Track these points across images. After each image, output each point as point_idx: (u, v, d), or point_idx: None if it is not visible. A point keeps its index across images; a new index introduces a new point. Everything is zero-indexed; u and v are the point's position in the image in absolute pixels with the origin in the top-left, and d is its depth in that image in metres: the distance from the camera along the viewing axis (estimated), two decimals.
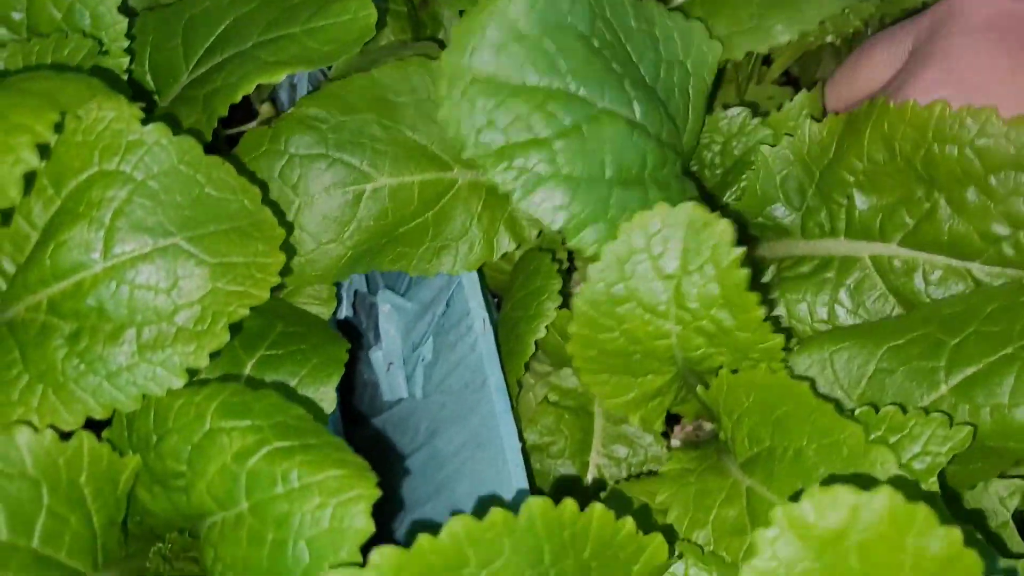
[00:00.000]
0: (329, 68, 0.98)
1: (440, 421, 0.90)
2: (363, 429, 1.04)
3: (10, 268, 0.65)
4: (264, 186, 0.73)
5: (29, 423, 0.61)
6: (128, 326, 0.64)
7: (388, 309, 0.94)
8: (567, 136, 0.67)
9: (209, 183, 0.67)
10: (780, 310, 0.81)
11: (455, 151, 0.81)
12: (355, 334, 1.03)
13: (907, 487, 0.58)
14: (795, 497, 0.54)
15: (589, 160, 0.68)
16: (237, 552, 0.60)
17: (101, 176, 0.65)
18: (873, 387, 0.75)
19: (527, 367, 0.90)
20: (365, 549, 0.57)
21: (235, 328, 0.67)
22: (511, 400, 0.82)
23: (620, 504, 0.66)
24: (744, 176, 0.84)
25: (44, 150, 0.58)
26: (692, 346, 0.74)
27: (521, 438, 0.81)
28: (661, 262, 0.69)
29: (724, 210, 0.85)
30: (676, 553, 0.70)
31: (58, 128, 0.58)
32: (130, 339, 0.64)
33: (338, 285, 0.89)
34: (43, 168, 0.64)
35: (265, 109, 1.03)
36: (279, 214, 0.71)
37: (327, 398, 0.76)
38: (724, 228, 0.67)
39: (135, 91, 0.80)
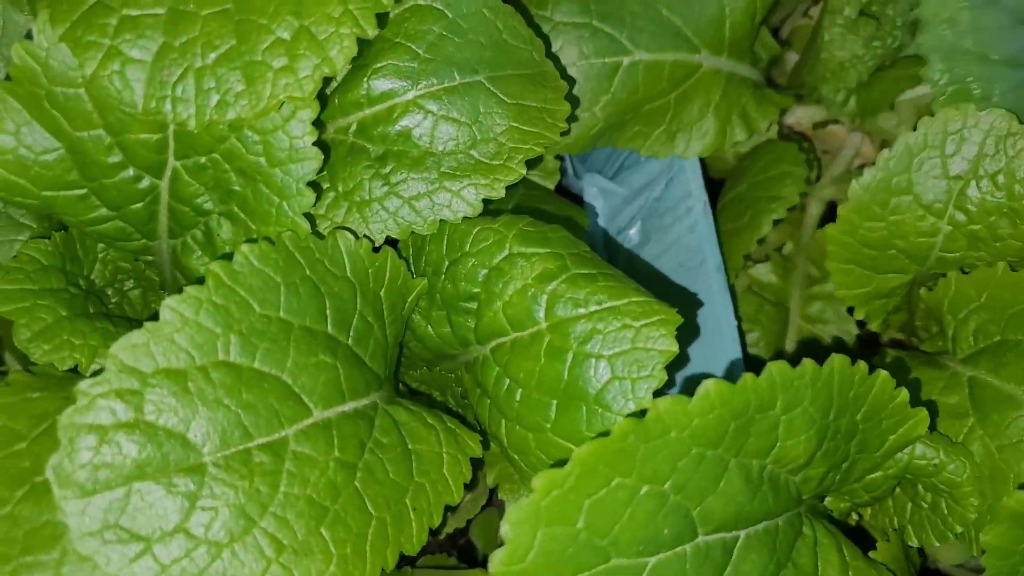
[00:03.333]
0: None
1: None
2: None
3: (324, 91, 0.69)
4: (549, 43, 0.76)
5: (350, 230, 0.65)
6: (431, 155, 0.68)
7: (595, 192, 0.97)
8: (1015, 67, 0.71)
9: (506, 30, 0.70)
10: None
11: (705, 35, 0.84)
12: None
13: None
14: None
15: (1020, 99, 0.72)
16: (533, 366, 0.64)
17: (417, 10, 0.68)
18: None
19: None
20: None
21: None
22: (729, 282, 0.86)
23: (898, 372, 0.70)
24: None
25: None
26: (955, 247, 0.76)
27: (738, 316, 0.85)
28: (951, 162, 0.72)
29: None
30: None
31: None
32: (432, 167, 0.68)
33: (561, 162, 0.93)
34: None
35: None
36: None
37: None
38: None
39: None
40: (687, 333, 0.85)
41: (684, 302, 0.87)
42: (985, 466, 0.69)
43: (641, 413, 0.53)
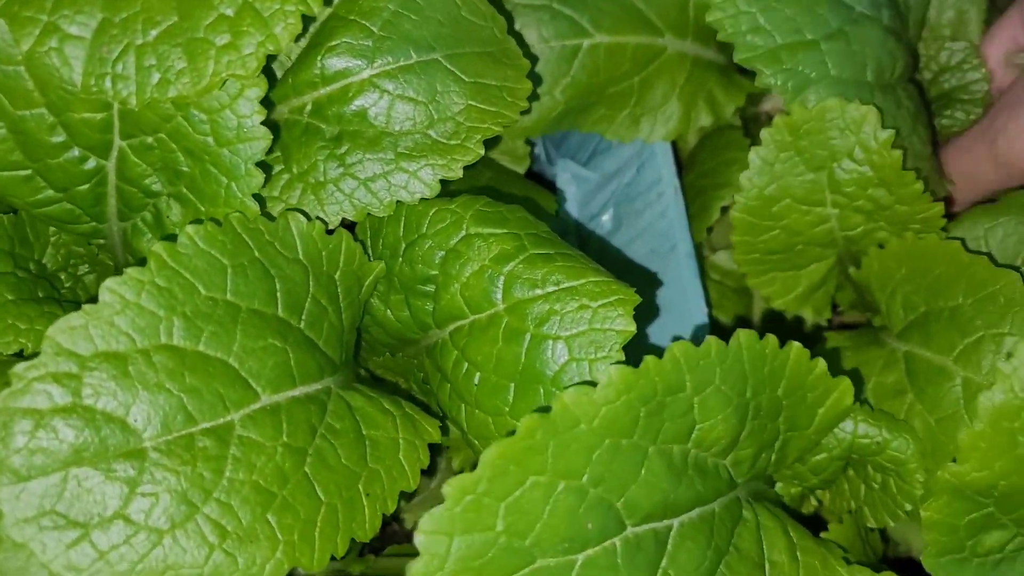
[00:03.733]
0: None
1: None
2: None
3: (277, 71, 0.68)
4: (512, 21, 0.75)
5: (303, 212, 0.63)
6: (387, 135, 0.67)
7: (568, 178, 0.96)
8: (833, 39, 0.70)
9: (465, 7, 0.69)
10: None
11: (669, 18, 0.83)
12: None
13: None
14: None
15: (854, 63, 0.71)
16: (490, 349, 0.63)
17: None
18: None
19: None
20: None
21: None
22: (700, 266, 0.85)
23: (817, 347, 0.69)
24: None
25: None
26: (851, 224, 0.77)
27: (708, 303, 0.83)
28: (808, 156, 0.73)
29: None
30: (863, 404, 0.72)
31: None
32: (388, 147, 0.67)
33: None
34: None
35: None
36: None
37: None
38: (868, 112, 0.70)
39: None
40: (652, 316, 0.84)
41: (654, 288, 0.86)
42: (927, 441, 0.69)
43: (546, 408, 0.52)
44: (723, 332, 0.93)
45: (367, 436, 0.63)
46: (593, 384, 0.53)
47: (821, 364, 0.62)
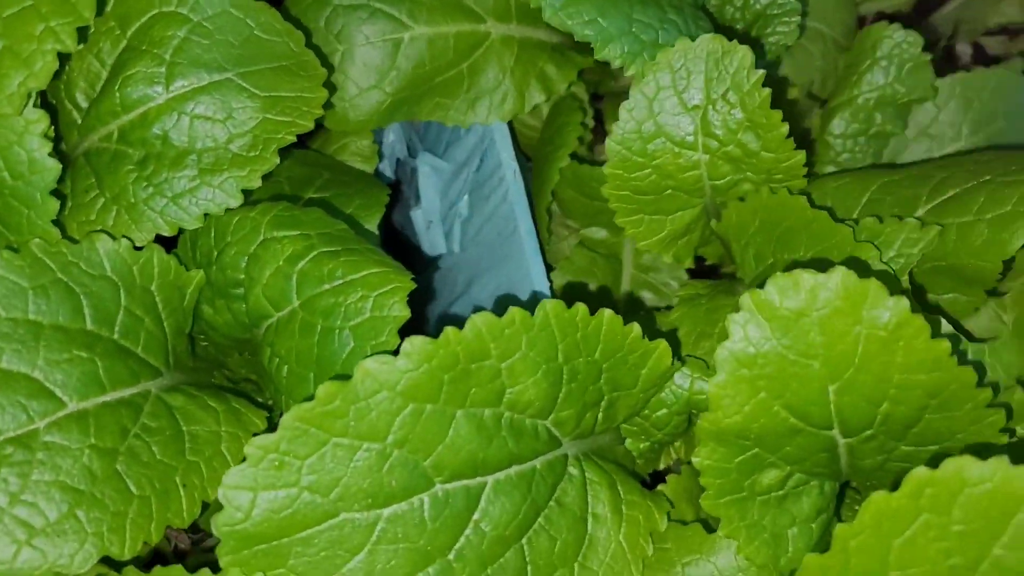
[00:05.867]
0: None
1: (477, 271, 0.97)
2: None
3: (84, 103, 0.73)
4: (309, 33, 0.80)
5: (107, 232, 0.69)
6: (189, 153, 0.72)
7: (428, 170, 1.00)
8: None
9: (258, 26, 0.74)
10: None
11: (488, 5, 0.87)
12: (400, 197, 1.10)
13: (887, 279, 0.63)
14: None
15: None
16: (291, 344, 0.68)
17: (162, 17, 0.72)
18: (864, 213, 0.79)
19: (553, 218, 0.97)
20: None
21: (286, 174, 0.77)
22: (541, 245, 0.89)
23: (647, 324, 0.72)
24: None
25: None
26: (719, 174, 0.79)
27: (549, 279, 0.88)
28: (686, 95, 0.75)
29: None
30: (683, 363, 0.76)
31: None
32: (191, 164, 0.72)
33: (380, 145, 0.96)
34: (110, 10, 0.71)
35: None
36: (322, 58, 0.77)
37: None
38: (744, 53, 0.72)
39: None
40: (500, 293, 0.89)
41: (501, 268, 0.91)
42: None
43: (345, 376, 0.56)
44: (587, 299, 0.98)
45: (187, 432, 0.68)
46: (394, 354, 0.58)
47: (635, 328, 0.66)
